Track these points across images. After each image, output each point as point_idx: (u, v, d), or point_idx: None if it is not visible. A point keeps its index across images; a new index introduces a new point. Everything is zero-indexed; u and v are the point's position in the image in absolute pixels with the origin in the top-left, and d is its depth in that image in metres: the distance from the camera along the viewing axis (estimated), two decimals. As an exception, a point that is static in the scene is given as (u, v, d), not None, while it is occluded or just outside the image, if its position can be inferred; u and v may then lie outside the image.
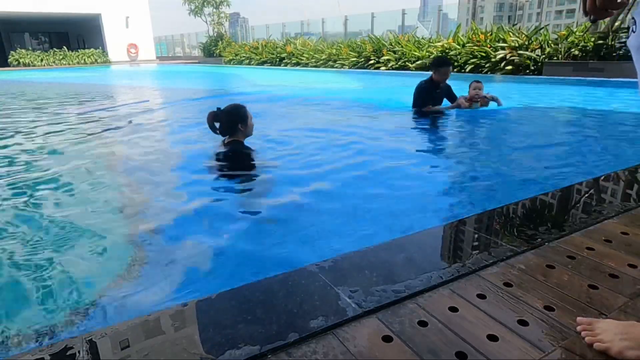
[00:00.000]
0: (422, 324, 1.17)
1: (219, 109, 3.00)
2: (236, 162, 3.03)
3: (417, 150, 3.87)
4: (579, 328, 1.07)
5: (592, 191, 2.28)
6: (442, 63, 5.30)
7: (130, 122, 5.99)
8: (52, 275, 1.79)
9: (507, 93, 8.15)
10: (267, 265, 1.83)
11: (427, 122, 5.10)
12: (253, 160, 3.10)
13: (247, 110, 3.02)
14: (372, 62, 13.39)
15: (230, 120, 2.98)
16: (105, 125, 5.58)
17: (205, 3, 25.84)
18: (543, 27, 10.35)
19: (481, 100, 5.34)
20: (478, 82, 5.38)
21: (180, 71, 19.33)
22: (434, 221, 2.22)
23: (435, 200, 2.60)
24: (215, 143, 3.27)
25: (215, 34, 25.34)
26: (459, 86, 5.67)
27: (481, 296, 1.29)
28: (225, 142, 3.05)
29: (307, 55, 16.62)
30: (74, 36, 29.94)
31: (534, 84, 8.76)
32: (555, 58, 9.41)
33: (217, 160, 3.12)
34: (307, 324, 1.16)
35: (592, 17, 0.94)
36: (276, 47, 18.86)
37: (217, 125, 3.01)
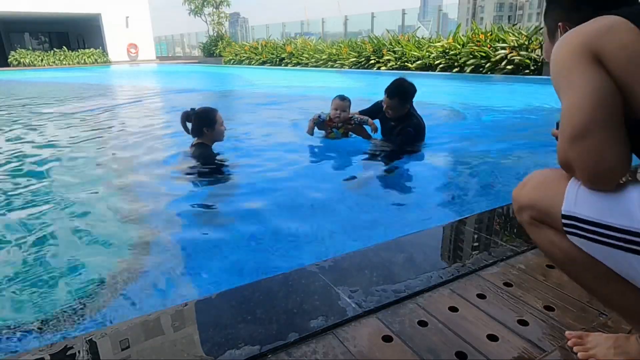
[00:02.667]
0: (422, 323, 1.17)
1: (192, 109, 3.02)
2: (196, 165, 3.02)
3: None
4: (569, 343, 1.07)
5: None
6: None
7: (121, 121, 6.06)
8: (52, 276, 1.79)
9: (507, 93, 8.17)
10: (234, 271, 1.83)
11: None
12: (212, 165, 3.08)
13: (216, 115, 3.00)
14: (372, 62, 13.39)
15: (198, 123, 2.99)
16: (97, 125, 5.61)
17: (205, 3, 25.80)
18: (543, 27, 10.34)
19: (346, 127, 3.62)
20: (342, 98, 3.57)
21: (179, 71, 19.32)
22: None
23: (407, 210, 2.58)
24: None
25: (215, 34, 25.32)
26: (459, 86, 5.62)
27: (481, 296, 1.29)
28: (192, 143, 3.08)
29: (307, 55, 16.61)
30: (74, 36, 29.91)
31: (533, 84, 8.76)
32: (555, 58, 9.40)
33: (184, 162, 3.16)
34: (307, 324, 1.16)
35: None
36: (276, 47, 18.84)
37: (189, 125, 3.05)
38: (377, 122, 3.65)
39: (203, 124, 2.98)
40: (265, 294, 1.31)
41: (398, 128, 3.51)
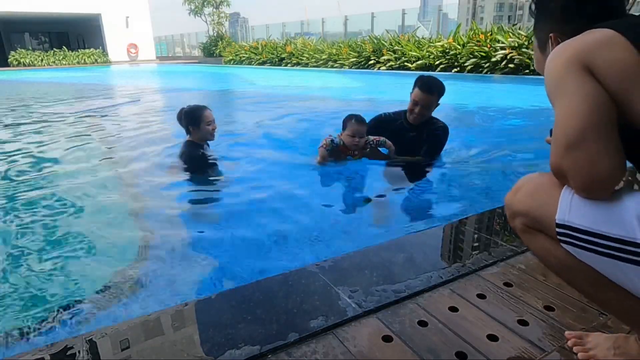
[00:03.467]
0: (422, 324, 1.17)
1: (188, 106, 3.06)
2: (184, 162, 3.04)
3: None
4: (569, 343, 1.07)
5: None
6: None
7: (119, 121, 6.11)
8: (52, 276, 1.79)
9: (507, 93, 8.17)
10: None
11: None
12: (197, 164, 3.06)
13: (203, 114, 2.94)
14: (372, 62, 13.38)
15: (185, 121, 3.00)
16: (93, 124, 5.64)
17: (205, 3, 25.79)
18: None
19: (362, 153, 3.05)
20: (360, 122, 2.93)
21: (179, 71, 19.32)
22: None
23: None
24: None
25: (215, 34, 25.31)
26: (459, 86, 5.59)
27: (481, 296, 1.29)
28: (184, 141, 3.09)
29: (307, 55, 16.60)
30: (74, 36, 29.88)
31: (533, 84, 8.76)
32: (555, 58, 9.40)
33: (173, 161, 3.20)
34: (307, 324, 1.16)
35: None
36: (276, 47, 18.83)
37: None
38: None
39: (188, 122, 2.98)
40: (265, 294, 1.31)
41: (424, 135, 3.00)
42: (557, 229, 0.84)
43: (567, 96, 0.80)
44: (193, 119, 2.96)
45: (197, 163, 3.04)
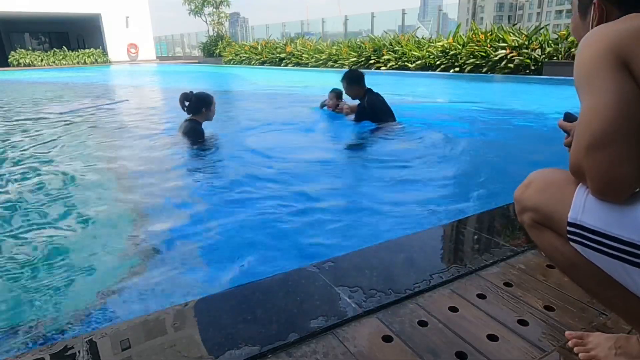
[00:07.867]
0: (422, 324, 1.17)
1: (191, 91, 3.64)
2: (191, 136, 3.64)
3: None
4: (570, 343, 1.07)
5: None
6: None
7: (123, 117, 6.28)
8: (52, 276, 1.79)
9: (507, 93, 8.17)
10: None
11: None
12: (203, 136, 3.72)
13: (213, 100, 3.70)
14: (372, 62, 13.38)
15: (198, 103, 3.63)
16: (90, 122, 5.69)
17: (205, 3, 25.77)
18: (543, 27, 10.34)
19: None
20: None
21: (179, 71, 19.30)
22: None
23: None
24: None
25: (215, 34, 25.30)
26: (459, 86, 5.60)
27: (481, 296, 1.29)
28: (186, 119, 3.70)
29: (307, 55, 16.58)
30: (74, 36, 29.85)
31: (533, 84, 8.76)
32: (555, 58, 9.40)
33: (182, 134, 3.75)
34: (307, 324, 1.16)
35: None
36: (276, 47, 18.82)
37: (186, 104, 3.62)
38: None
39: (202, 104, 3.62)
40: (265, 294, 1.31)
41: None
42: (569, 228, 0.83)
43: (597, 92, 0.76)
44: (207, 102, 3.66)
45: (202, 136, 3.67)
